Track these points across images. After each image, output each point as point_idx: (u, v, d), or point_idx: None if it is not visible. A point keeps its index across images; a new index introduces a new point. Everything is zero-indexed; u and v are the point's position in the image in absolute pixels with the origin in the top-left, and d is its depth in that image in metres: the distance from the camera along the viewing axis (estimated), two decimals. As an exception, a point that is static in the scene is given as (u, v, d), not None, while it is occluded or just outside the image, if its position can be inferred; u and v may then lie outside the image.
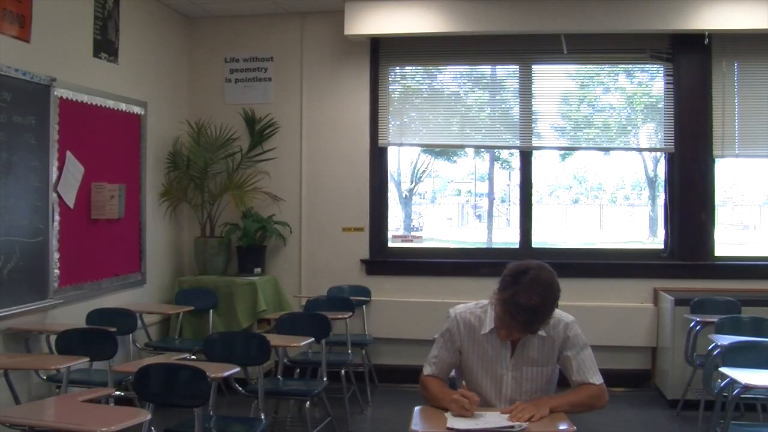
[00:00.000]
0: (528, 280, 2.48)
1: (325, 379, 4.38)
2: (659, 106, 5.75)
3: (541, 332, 2.61)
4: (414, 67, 6.00)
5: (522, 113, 5.83)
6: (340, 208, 5.95)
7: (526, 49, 5.78)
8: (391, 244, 6.11)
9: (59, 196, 4.37)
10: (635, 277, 5.66)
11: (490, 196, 7.34)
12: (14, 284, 3.92)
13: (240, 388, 4.05)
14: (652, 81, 5.83)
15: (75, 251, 4.52)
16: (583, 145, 6.00)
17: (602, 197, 8.63)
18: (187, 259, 6.02)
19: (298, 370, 5.11)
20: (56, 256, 4.32)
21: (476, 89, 6.00)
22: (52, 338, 4.08)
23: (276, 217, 5.92)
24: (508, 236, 6.64)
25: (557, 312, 2.63)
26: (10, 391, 3.71)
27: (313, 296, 5.49)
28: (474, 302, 2.80)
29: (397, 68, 5.97)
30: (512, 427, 2.35)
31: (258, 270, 5.74)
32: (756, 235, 8.09)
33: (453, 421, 2.41)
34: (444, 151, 7.07)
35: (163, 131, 5.70)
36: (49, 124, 4.21)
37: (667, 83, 5.70)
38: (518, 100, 5.84)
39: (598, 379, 2.65)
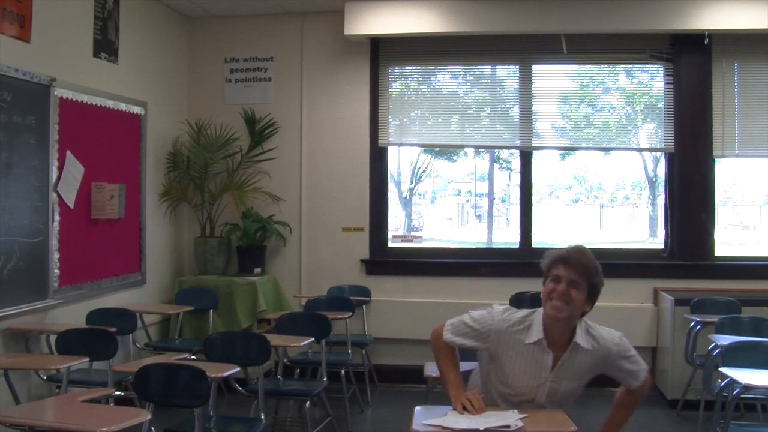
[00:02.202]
0: (565, 250, 2.71)
1: (325, 379, 4.38)
2: (659, 106, 5.75)
3: (587, 345, 2.59)
4: (414, 67, 6.00)
5: (522, 113, 5.83)
6: (340, 208, 5.95)
7: (526, 49, 5.78)
8: (391, 244, 6.11)
9: (59, 196, 4.37)
10: (635, 277, 5.65)
11: (490, 196, 7.32)
12: (14, 284, 3.92)
13: (240, 388, 4.05)
14: (652, 81, 5.83)
15: (75, 251, 4.52)
16: (583, 145, 6.00)
17: (602, 197, 8.62)
18: (187, 259, 6.02)
19: (298, 370, 5.11)
20: (56, 256, 4.32)
21: (476, 89, 6.00)
22: (52, 338, 4.09)
23: (276, 217, 5.92)
24: (508, 236, 6.63)
25: (603, 328, 2.67)
26: (10, 391, 3.71)
27: (313, 296, 5.49)
28: (522, 313, 2.69)
29: (397, 68, 5.98)
30: (508, 426, 2.35)
31: (258, 270, 5.74)
32: (756, 235, 8.07)
33: (450, 421, 2.40)
34: (444, 151, 7.07)
35: (163, 131, 5.70)
36: (49, 124, 4.21)
37: (667, 83, 5.70)
38: (518, 100, 5.83)
39: (645, 372, 2.73)
